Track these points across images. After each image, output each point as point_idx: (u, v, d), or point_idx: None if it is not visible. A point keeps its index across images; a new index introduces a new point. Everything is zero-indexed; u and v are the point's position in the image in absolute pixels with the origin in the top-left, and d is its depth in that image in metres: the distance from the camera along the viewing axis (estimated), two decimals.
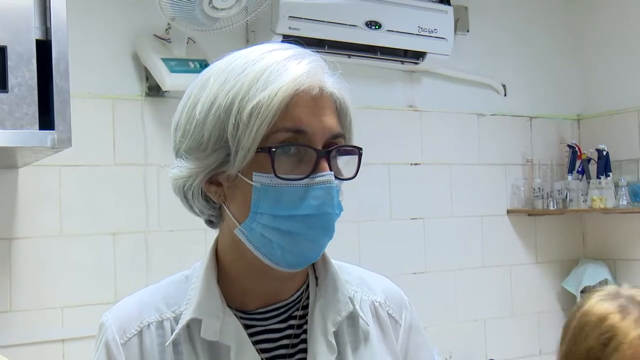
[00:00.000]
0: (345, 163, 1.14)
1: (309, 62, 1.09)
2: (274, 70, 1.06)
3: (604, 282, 3.51)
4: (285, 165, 1.06)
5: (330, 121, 1.10)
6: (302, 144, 1.06)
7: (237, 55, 1.12)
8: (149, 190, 2.65)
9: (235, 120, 1.05)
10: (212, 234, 1.24)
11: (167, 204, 2.65)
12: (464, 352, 3.27)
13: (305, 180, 1.06)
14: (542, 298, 3.59)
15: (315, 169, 1.06)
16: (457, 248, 3.35)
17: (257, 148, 1.05)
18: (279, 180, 1.05)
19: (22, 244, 2.44)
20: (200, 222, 1.23)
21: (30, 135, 1.82)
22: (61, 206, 2.51)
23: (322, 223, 1.08)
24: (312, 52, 1.13)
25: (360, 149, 1.14)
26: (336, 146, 1.10)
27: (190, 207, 1.18)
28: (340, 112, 1.14)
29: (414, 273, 3.17)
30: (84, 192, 2.55)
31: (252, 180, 1.07)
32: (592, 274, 3.50)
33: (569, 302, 3.61)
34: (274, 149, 1.05)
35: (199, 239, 2.62)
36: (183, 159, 1.13)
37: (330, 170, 1.07)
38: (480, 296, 3.39)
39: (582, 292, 3.50)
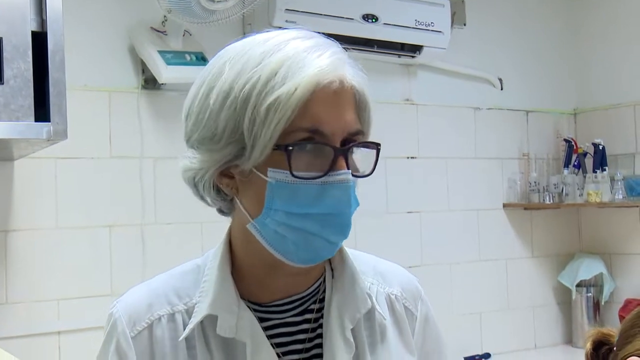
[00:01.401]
0: (362, 157, 1.10)
1: (330, 55, 1.04)
2: (293, 63, 1.01)
3: (599, 277, 3.52)
4: (301, 162, 1.02)
5: (350, 117, 1.06)
6: (319, 142, 1.03)
7: (253, 42, 1.06)
8: (145, 183, 2.64)
9: (252, 115, 1.01)
10: (209, 227, 1.24)
11: (163, 197, 2.65)
12: (460, 345, 3.28)
13: (322, 179, 1.03)
14: (537, 292, 3.59)
15: (332, 167, 1.03)
16: (453, 242, 3.35)
17: (274, 145, 1.01)
18: (295, 178, 1.02)
19: (18, 237, 2.43)
20: (196, 215, 1.23)
21: (26, 127, 1.81)
22: (57, 198, 2.50)
23: (338, 222, 1.06)
24: (333, 42, 1.09)
25: (379, 144, 1.10)
26: (354, 143, 1.06)
27: (202, 198, 1.14)
28: (360, 106, 1.09)
29: (410, 267, 3.14)
30: (80, 185, 2.54)
31: (267, 176, 1.03)
32: (588, 268, 3.51)
33: (565, 296, 3.62)
34: (290, 147, 1.01)
35: (195, 232, 2.62)
36: (195, 149, 1.08)
37: (348, 168, 1.04)
38: (476, 290, 3.39)
39: (577, 286, 3.51)
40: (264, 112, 1.00)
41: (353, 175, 1.06)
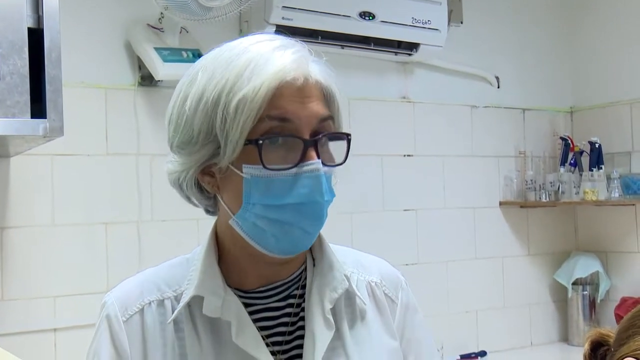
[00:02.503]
0: (335, 148, 1.15)
1: (293, 53, 1.10)
2: (258, 62, 1.08)
3: (595, 275, 3.53)
4: (273, 156, 1.08)
5: (316, 107, 1.11)
6: (288, 134, 1.08)
7: (224, 48, 1.13)
8: (141, 180, 2.64)
9: (222, 115, 1.07)
10: (204, 224, 1.25)
11: (159, 194, 2.65)
12: (456, 343, 3.28)
13: (294, 170, 1.08)
14: (533, 290, 3.60)
15: (303, 158, 1.08)
16: (450, 240, 3.35)
17: (245, 140, 1.07)
18: (268, 171, 1.08)
19: (14, 233, 2.43)
20: (192, 212, 1.24)
21: (22, 123, 1.81)
22: (53, 195, 2.50)
23: (311, 211, 1.10)
24: (298, 42, 1.14)
25: (349, 134, 1.15)
26: (323, 134, 1.11)
27: (188, 199, 1.21)
28: (328, 99, 1.15)
29: (406, 264, 3.18)
30: (76, 182, 2.54)
31: (242, 172, 1.09)
32: (584, 266, 3.51)
33: (561, 294, 3.62)
34: (260, 141, 1.06)
35: (191, 229, 2.62)
36: (176, 154, 1.16)
37: (319, 158, 1.09)
38: (472, 288, 3.39)
39: (573, 284, 3.51)
40: (233, 110, 1.06)
41: (326, 165, 1.11)
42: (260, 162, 1.07)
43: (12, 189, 2.44)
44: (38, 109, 1.83)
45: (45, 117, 1.83)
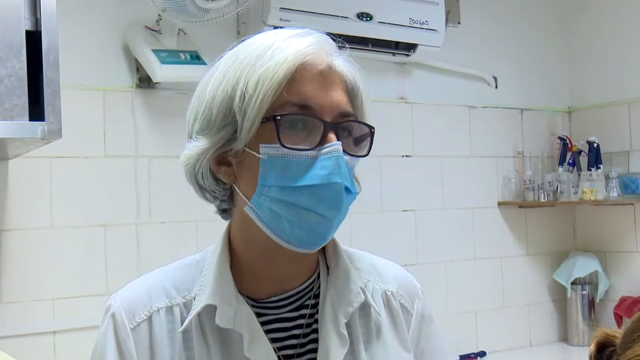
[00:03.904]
0: (358, 145, 1.13)
1: (315, 37, 1.10)
2: (280, 44, 1.08)
3: (594, 274, 3.53)
4: (292, 138, 1.05)
5: (339, 97, 1.10)
6: (309, 115, 1.06)
7: (247, 40, 1.13)
8: (139, 182, 2.64)
9: (241, 92, 1.06)
10: (203, 226, 1.24)
11: (158, 196, 2.64)
12: (455, 343, 3.28)
13: (313, 152, 1.05)
14: (532, 290, 3.60)
15: (322, 141, 1.06)
16: (448, 240, 3.35)
17: (263, 118, 1.05)
18: (286, 150, 1.05)
19: (13, 236, 2.43)
20: (191, 214, 1.23)
21: (20, 126, 1.81)
22: (52, 198, 2.50)
23: (330, 195, 1.06)
24: (323, 33, 1.14)
25: (372, 127, 1.14)
26: (345, 119, 1.09)
27: (202, 193, 1.16)
28: (351, 93, 1.14)
29: (405, 265, 3.14)
30: (74, 184, 2.54)
31: (259, 153, 1.06)
32: (583, 265, 3.51)
33: (560, 294, 3.62)
34: (279, 117, 1.04)
35: (190, 231, 2.62)
36: (193, 140, 1.12)
37: (339, 141, 1.07)
38: (471, 288, 3.40)
39: (572, 284, 3.51)
40: (253, 86, 1.05)
41: (348, 154, 1.09)
42: (277, 140, 1.04)
43: (10, 191, 2.43)
44: (36, 111, 1.83)
45: (43, 120, 1.83)
